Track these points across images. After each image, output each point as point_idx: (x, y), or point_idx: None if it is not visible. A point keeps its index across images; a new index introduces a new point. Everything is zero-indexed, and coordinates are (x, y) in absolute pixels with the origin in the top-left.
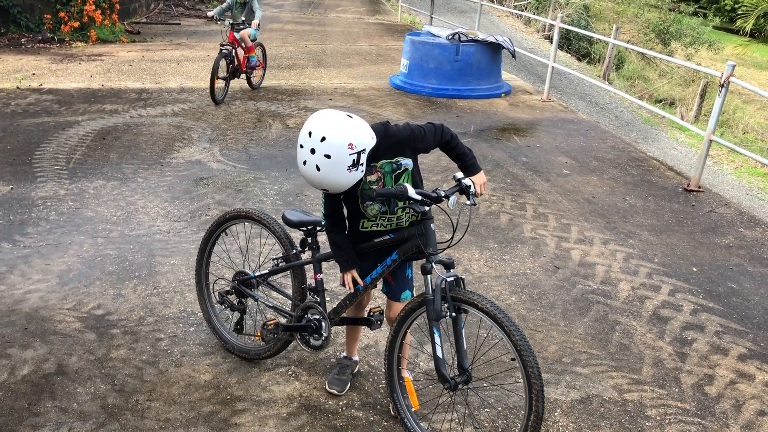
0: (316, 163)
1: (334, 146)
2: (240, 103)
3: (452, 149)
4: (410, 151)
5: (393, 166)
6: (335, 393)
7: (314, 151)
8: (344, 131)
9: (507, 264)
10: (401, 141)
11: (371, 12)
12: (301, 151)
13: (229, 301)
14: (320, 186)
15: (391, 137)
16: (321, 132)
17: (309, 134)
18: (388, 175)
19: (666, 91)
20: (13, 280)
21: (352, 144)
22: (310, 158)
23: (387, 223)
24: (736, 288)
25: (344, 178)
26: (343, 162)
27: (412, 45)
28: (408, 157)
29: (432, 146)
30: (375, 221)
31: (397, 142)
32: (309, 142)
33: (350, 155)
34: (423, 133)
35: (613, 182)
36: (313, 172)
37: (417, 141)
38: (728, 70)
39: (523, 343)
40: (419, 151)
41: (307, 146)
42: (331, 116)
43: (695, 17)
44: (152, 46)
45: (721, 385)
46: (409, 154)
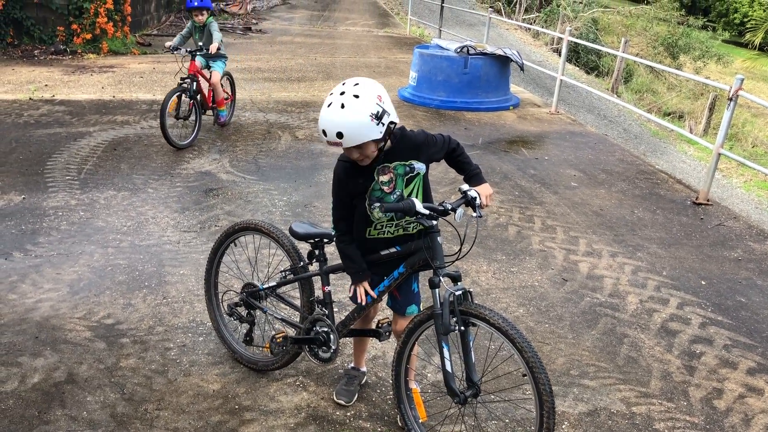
0: (343, 101)
1: (365, 91)
2: (250, 114)
3: (457, 157)
4: (424, 156)
5: (406, 168)
6: (343, 403)
7: (344, 93)
8: (377, 86)
9: (515, 276)
10: (417, 145)
11: (380, 25)
12: (330, 97)
13: (238, 313)
14: (337, 129)
15: (407, 140)
16: (355, 80)
17: (343, 84)
18: (401, 178)
19: (675, 105)
20: (24, 289)
21: (380, 97)
22: (337, 99)
23: (394, 230)
24: (745, 302)
25: (364, 124)
26: (369, 106)
27: (421, 58)
28: (422, 162)
29: (441, 154)
30: (381, 228)
31: (413, 145)
32: (341, 87)
33: (377, 104)
34: (435, 141)
35: (621, 195)
36: (336, 111)
37: (430, 147)
38: (737, 84)
39: (535, 360)
40: (431, 158)
41: (338, 90)
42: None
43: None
44: (163, 58)
45: (730, 399)
46: (423, 160)
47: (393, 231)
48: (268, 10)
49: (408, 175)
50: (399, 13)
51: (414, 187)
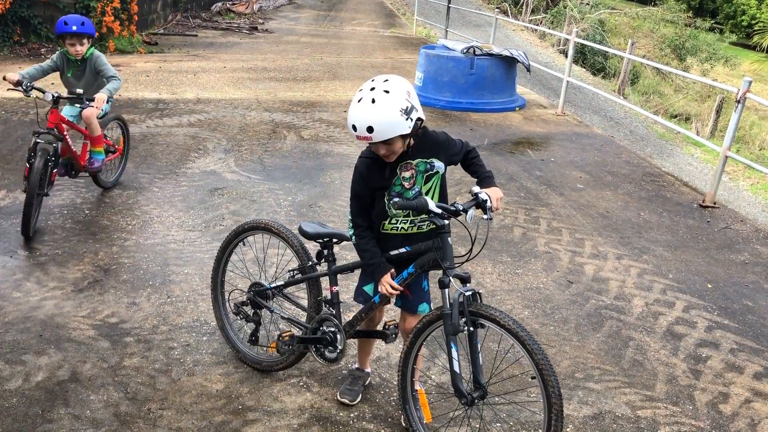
0: (373, 96)
1: (395, 87)
2: (255, 114)
3: (472, 160)
4: (444, 156)
5: (427, 166)
6: (347, 402)
7: (374, 88)
8: (405, 83)
9: (520, 278)
10: (438, 143)
11: (386, 25)
12: (359, 93)
13: (244, 312)
14: (366, 123)
15: (429, 138)
16: (385, 77)
17: (372, 80)
18: (421, 174)
19: (681, 107)
20: (29, 287)
21: (409, 93)
22: (368, 94)
23: (409, 226)
24: (752, 305)
25: (394, 119)
26: (399, 101)
27: (427, 58)
28: (441, 161)
29: (460, 157)
30: (396, 224)
31: (434, 143)
32: (371, 84)
33: (406, 100)
34: (455, 143)
35: (627, 197)
36: (367, 106)
37: (450, 148)
38: (745, 86)
39: (545, 362)
40: (450, 159)
41: (368, 86)
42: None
43: (711, 33)
44: (169, 57)
45: (736, 404)
46: (443, 159)
47: (407, 227)
48: (275, 10)
49: (428, 173)
50: (405, 13)
51: (432, 186)
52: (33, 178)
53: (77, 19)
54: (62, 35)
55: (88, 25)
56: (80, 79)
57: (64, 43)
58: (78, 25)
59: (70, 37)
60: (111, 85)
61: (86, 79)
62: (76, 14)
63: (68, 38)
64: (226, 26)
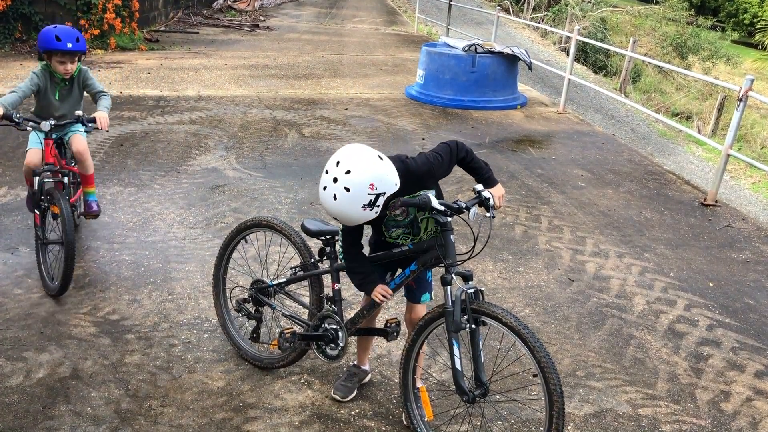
0: (335, 192)
1: (356, 182)
2: (256, 111)
3: (468, 164)
4: (432, 182)
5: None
6: (338, 399)
7: (336, 180)
8: (370, 170)
9: (521, 276)
10: (421, 176)
11: (388, 23)
12: (325, 177)
13: (246, 309)
14: (332, 214)
15: (412, 174)
16: (348, 165)
17: (336, 163)
18: (413, 209)
19: (683, 105)
20: (30, 284)
21: (373, 185)
22: (330, 186)
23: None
24: (754, 304)
25: (356, 214)
26: (360, 199)
27: (429, 56)
28: (430, 189)
29: (451, 168)
30: (397, 239)
31: (417, 178)
32: (334, 170)
33: (368, 195)
34: (440, 161)
35: (628, 195)
36: (330, 200)
37: (436, 170)
38: (747, 84)
39: (547, 360)
40: (440, 177)
41: (332, 174)
42: (362, 152)
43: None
44: (170, 54)
45: (738, 402)
46: (432, 185)
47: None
48: (276, 7)
49: None
50: (407, 11)
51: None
52: (68, 225)
53: (71, 33)
54: (51, 52)
55: (82, 41)
56: (66, 99)
57: (50, 59)
58: (73, 41)
59: (62, 54)
60: (106, 102)
61: (73, 100)
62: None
63: (58, 55)
64: (228, 23)
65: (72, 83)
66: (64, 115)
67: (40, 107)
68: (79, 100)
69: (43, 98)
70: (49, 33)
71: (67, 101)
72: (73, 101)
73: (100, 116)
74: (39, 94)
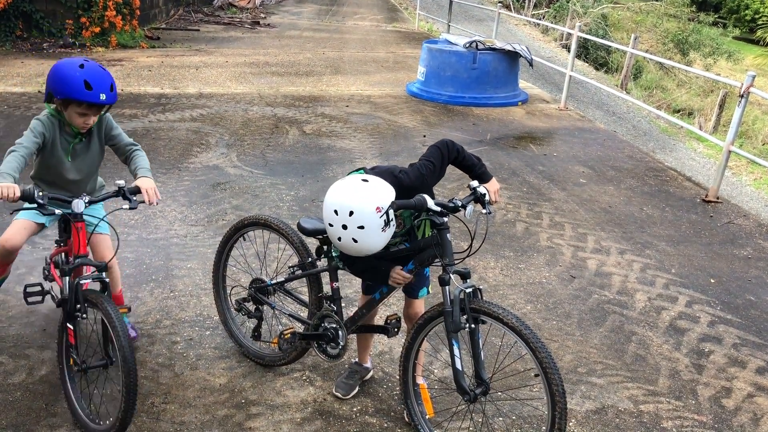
0: (352, 236)
1: (364, 216)
2: (257, 109)
3: (461, 162)
4: (428, 191)
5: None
6: (339, 396)
7: (346, 227)
8: (368, 199)
9: (522, 273)
10: (415, 189)
11: (389, 20)
12: (333, 230)
13: (246, 309)
14: (361, 254)
15: (406, 189)
16: (347, 207)
17: (335, 212)
18: (408, 219)
19: (684, 102)
20: (31, 281)
21: (379, 208)
22: (344, 234)
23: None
24: (755, 300)
25: (381, 239)
26: (377, 227)
27: (429, 53)
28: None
29: (444, 171)
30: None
31: (412, 191)
32: (338, 219)
33: (380, 218)
34: (433, 168)
35: (630, 192)
36: (351, 245)
37: (429, 179)
38: (748, 81)
39: (549, 361)
40: (434, 183)
41: (338, 224)
42: (349, 187)
43: (715, 27)
44: (171, 52)
45: (739, 398)
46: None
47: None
48: (276, 5)
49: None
50: (407, 8)
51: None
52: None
53: (104, 79)
54: (72, 102)
55: (115, 88)
56: (81, 159)
57: (65, 106)
58: (107, 91)
59: (87, 106)
60: (145, 161)
61: (91, 159)
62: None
63: (82, 106)
64: (228, 21)
65: (90, 137)
66: (79, 182)
67: (45, 169)
68: (98, 160)
69: (50, 157)
70: (74, 77)
71: (82, 161)
72: (91, 162)
73: (146, 186)
74: (44, 151)
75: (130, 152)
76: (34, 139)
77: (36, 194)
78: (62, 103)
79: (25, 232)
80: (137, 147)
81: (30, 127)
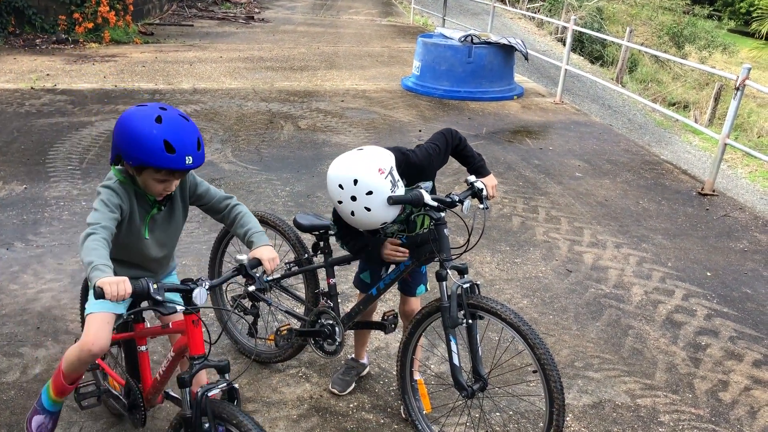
0: (364, 205)
1: (369, 181)
2: (252, 104)
3: (462, 151)
4: (430, 174)
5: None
6: (336, 392)
7: (355, 197)
8: (368, 163)
9: (519, 267)
10: (422, 169)
11: (383, 14)
12: (343, 206)
13: (242, 306)
14: (378, 223)
15: (413, 167)
16: (350, 177)
17: (341, 187)
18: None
19: (680, 95)
20: (25, 280)
21: (381, 169)
22: (355, 206)
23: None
24: (751, 293)
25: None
26: (385, 188)
27: (424, 47)
28: (429, 180)
29: (447, 157)
30: (392, 235)
31: (417, 171)
32: (345, 193)
33: (385, 179)
34: (439, 150)
35: (626, 185)
36: (365, 215)
37: (435, 161)
38: (744, 73)
39: (547, 357)
40: (438, 167)
41: (347, 197)
42: (346, 159)
43: (710, 20)
44: (165, 48)
45: (736, 392)
46: (430, 176)
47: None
48: None
49: None
50: (402, 2)
51: None
52: None
53: (190, 136)
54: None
55: (203, 146)
56: (164, 230)
57: (139, 173)
58: (194, 152)
59: (169, 172)
60: (253, 221)
61: (174, 229)
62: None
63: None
64: (222, 16)
65: (171, 203)
66: (161, 259)
67: (121, 249)
68: (181, 229)
69: (126, 234)
70: (150, 136)
71: (164, 234)
72: (173, 232)
73: (267, 256)
74: (119, 227)
75: (228, 210)
76: (111, 215)
77: (151, 290)
78: (136, 168)
79: (109, 328)
80: (236, 202)
81: (101, 198)
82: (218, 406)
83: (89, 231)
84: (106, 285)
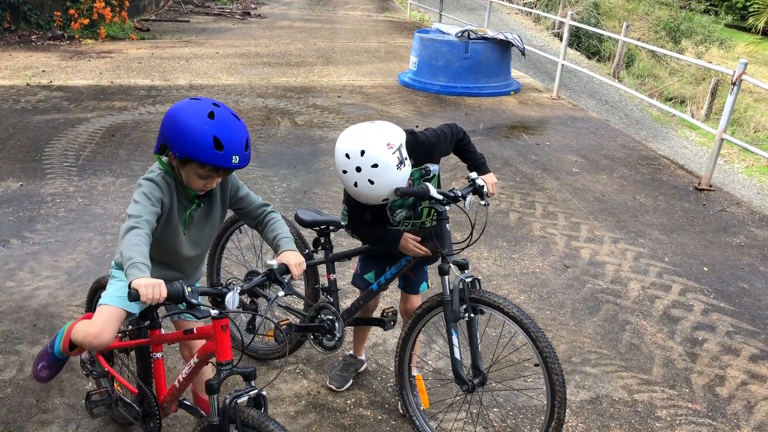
0: (368, 177)
1: (376, 153)
2: (248, 100)
3: (464, 147)
4: (437, 156)
5: (422, 171)
6: (333, 389)
7: (360, 168)
8: (377, 136)
9: (516, 263)
10: (430, 148)
11: (380, 9)
12: (348, 176)
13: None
14: (380, 198)
15: (421, 145)
16: (358, 148)
17: (347, 156)
18: (417, 181)
19: (676, 90)
20: (22, 277)
21: (389, 143)
22: (359, 177)
23: (410, 229)
24: (748, 288)
25: (398, 177)
26: (391, 163)
27: (421, 42)
28: (435, 163)
29: (450, 148)
30: (398, 226)
31: (427, 149)
32: (351, 162)
33: (393, 154)
34: (446, 136)
35: (623, 181)
36: (368, 187)
37: (442, 144)
38: (740, 68)
39: (549, 350)
40: (443, 154)
41: (352, 167)
42: (357, 130)
43: (706, 15)
44: (161, 44)
45: (733, 386)
46: (436, 159)
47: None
48: None
49: (424, 178)
50: None
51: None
52: None
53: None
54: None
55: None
56: (200, 228)
57: (182, 165)
58: (241, 152)
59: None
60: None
61: (210, 228)
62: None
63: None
64: (219, 12)
65: (211, 200)
66: (194, 258)
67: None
68: (215, 230)
69: (164, 229)
70: (201, 131)
71: (200, 233)
72: (210, 232)
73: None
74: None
75: (264, 217)
76: (153, 209)
77: (186, 293)
78: (180, 161)
79: (117, 325)
80: (272, 209)
81: (142, 191)
82: (247, 414)
83: (132, 224)
84: (142, 287)
